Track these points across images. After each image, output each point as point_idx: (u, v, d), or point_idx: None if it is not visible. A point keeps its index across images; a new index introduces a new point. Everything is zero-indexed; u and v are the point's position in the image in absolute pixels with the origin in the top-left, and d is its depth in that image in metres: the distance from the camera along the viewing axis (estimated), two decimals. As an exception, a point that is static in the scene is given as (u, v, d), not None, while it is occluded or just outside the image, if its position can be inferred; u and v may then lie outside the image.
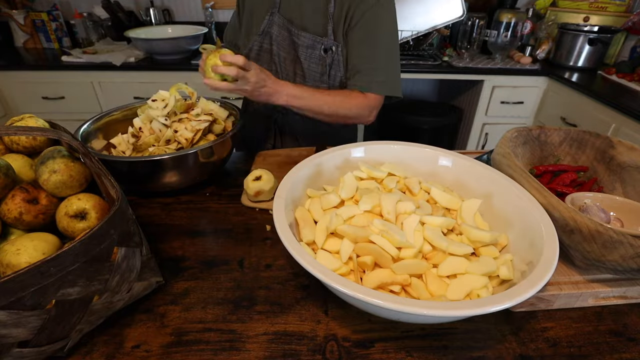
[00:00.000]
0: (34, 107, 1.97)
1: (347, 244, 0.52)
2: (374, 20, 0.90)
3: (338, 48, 0.93)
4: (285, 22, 0.93)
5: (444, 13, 1.82)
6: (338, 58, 0.94)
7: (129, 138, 0.83)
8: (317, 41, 0.92)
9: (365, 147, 0.70)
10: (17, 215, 0.53)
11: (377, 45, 0.91)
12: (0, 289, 0.36)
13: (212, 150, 0.77)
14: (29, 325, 0.40)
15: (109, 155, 0.76)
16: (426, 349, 0.50)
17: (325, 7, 0.91)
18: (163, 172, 0.74)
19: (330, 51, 0.93)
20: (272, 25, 0.95)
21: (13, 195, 0.54)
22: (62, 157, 0.56)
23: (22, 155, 0.62)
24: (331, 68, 0.95)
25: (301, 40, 0.93)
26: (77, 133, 0.79)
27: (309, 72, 0.96)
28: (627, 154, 0.67)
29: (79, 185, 0.57)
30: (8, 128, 0.48)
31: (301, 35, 0.92)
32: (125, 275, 0.49)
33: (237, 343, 0.50)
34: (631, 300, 0.56)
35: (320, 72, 0.96)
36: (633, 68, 1.78)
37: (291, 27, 0.93)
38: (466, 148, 2.16)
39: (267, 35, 0.96)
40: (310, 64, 0.95)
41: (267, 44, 0.97)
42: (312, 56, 0.94)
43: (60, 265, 0.40)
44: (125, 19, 2.16)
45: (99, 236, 0.43)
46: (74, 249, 0.41)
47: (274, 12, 0.94)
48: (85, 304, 0.45)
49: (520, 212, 0.55)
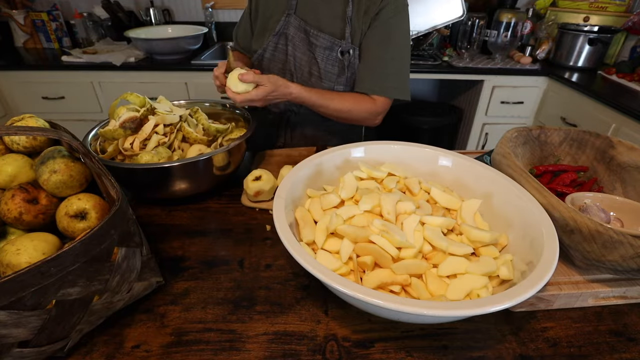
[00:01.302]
0: (34, 107, 1.97)
1: (347, 244, 0.52)
2: (391, 26, 0.92)
3: (355, 51, 0.95)
4: (302, 23, 0.95)
5: (444, 13, 1.82)
6: (355, 61, 0.96)
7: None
8: (335, 43, 0.94)
9: (365, 147, 0.70)
10: (17, 215, 0.53)
11: (391, 50, 0.94)
12: (0, 289, 0.36)
13: (229, 157, 0.76)
14: (29, 326, 0.40)
15: (123, 163, 0.73)
16: (426, 349, 0.50)
17: (343, 10, 0.92)
18: (176, 180, 0.72)
19: (348, 54, 0.95)
20: (289, 27, 0.96)
21: (13, 195, 0.54)
22: (63, 157, 0.56)
23: (22, 155, 0.62)
24: (348, 70, 0.97)
25: (319, 42, 0.94)
26: (88, 136, 0.78)
27: (325, 73, 0.98)
28: (627, 154, 0.67)
29: (79, 185, 0.57)
30: (8, 128, 0.48)
31: (320, 36, 0.94)
32: (125, 275, 0.49)
33: (237, 343, 0.50)
34: (631, 300, 0.56)
35: (337, 74, 0.98)
36: (633, 68, 1.78)
37: (309, 28, 0.94)
38: (466, 148, 2.16)
39: (282, 36, 0.97)
40: (327, 65, 0.97)
41: (282, 44, 0.98)
42: (329, 57, 0.96)
43: (61, 265, 0.40)
44: (125, 19, 2.16)
45: (99, 236, 0.43)
46: (74, 249, 0.41)
47: (290, 14, 0.95)
48: (85, 304, 0.45)
49: (520, 212, 0.55)
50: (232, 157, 0.77)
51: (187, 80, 1.92)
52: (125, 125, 0.74)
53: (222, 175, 0.78)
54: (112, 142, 0.76)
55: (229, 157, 0.76)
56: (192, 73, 1.90)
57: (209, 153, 0.72)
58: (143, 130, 0.76)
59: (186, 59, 1.96)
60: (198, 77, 1.91)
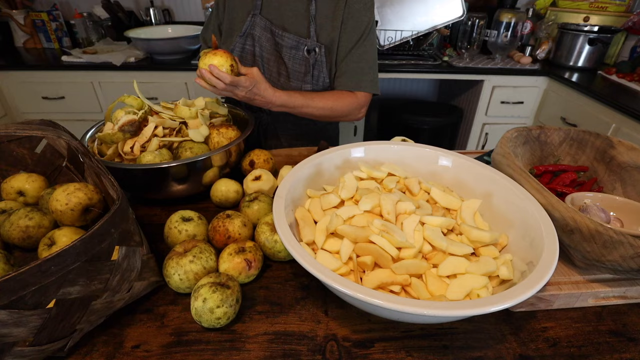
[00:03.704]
0: (34, 107, 1.97)
1: (347, 244, 0.52)
2: (362, 21, 0.93)
3: (321, 49, 0.95)
4: (268, 23, 0.95)
5: (444, 13, 1.82)
6: (321, 59, 0.96)
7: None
8: (300, 42, 0.94)
9: (365, 147, 0.70)
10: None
11: (365, 46, 0.95)
12: (1, 287, 0.36)
13: (228, 157, 0.76)
14: (30, 325, 0.40)
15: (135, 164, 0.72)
16: (426, 349, 0.50)
17: (306, 9, 0.92)
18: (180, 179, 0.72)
19: (314, 52, 0.95)
20: (255, 27, 0.96)
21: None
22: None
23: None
24: (314, 68, 0.97)
25: (285, 41, 0.94)
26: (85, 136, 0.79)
27: (292, 72, 0.98)
28: (627, 154, 0.67)
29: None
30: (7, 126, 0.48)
31: (285, 36, 0.94)
32: (125, 274, 0.49)
33: (237, 343, 0.50)
34: (631, 300, 0.56)
35: (304, 72, 0.97)
36: (633, 68, 1.78)
37: (274, 28, 0.94)
38: (466, 148, 2.16)
39: (249, 37, 0.97)
40: (294, 64, 0.97)
41: (250, 45, 0.98)
42: (295, 57, 0.96)
43: (61, 264, 0.40)
44: (125, 19, 2.16)
45: (99, 235, 0.44)
46: (75, 247, 0.41)
47: (255, 14, 0.95)
48: (85, 303, 0.45)
49: (520, 212, 0.55)
50: (231, 157, 0.77)
51: (187, 80, 1.92)
52: (124, 129, 0.74)
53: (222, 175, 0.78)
54: (110, 145, 0.76)
55: (228, 157, 0.76)
56: (192, 73, 1.89)
57: (209, 153, 0.72)
58: (143, 133, 0.76)
59: (186, 59, 1.96)
60: (198, 77, 1.90)
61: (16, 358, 0.42)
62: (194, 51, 2.03)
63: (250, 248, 0.57)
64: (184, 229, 0.61)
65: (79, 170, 0.71)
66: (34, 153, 0.73)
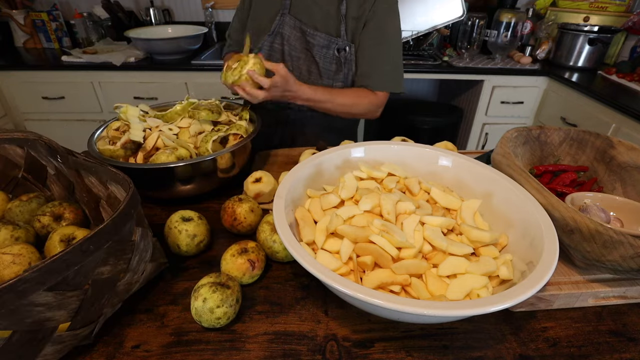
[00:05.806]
0: (34, 107, 1.97)
1: (347, 244, 0.52)
2: (386, 22, 0.95)
3: (351, 48, 0.97)
4: (297, 22, 0.96)
5: (444, 13, 1.82)
6: (351, 57, 0.99)
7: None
8: (332, 41, 0.96)
9: (365, 147, 0.70)
10: None
11: (388, 46, 0.97)
12: (49, 268, 0.37)
13: (233, 158, 0.76)
14: (69, 307, 0.42)
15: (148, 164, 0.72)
16: (426, 349, 0.50)
17: (337, 9, 0.94)
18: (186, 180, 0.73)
19: (344, 51, 0.97)
20: (284, 26, 0.97)
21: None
22: None
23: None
24: (344, 66, 0.99)
25: (316, 40, 0.96)
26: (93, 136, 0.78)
27: (324, 71, 1.00)
28: (627, 154, 0.67)
29: None
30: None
31: (316, 35, 0.96)
32: (142, 255, 0.51)
33: (237, 343, 0.50)
34: (631, 300, 0.56)
35: (335, 70, 1.00)
36: (633, 68, 1.78)
37: (305, 27, 0.96)
38: (466, 148, 2.16)
39: (277, 35, 0.99)
40: (325, 62, 0.99)
41: (278, 43, 1.00)
42: (326, 55, 0.98)
43: (98, 243, 0.42)
44: (125, 19, 2.16)
45: (123, 215, 0.45)
46: (108, 227, 0.43)
47: (284, 13, 0.96)
48: (113, 283, 0.47)
49: (520, 212, 0.55)
50: (237, 158, 0.77)
51: (187, 80, 1.92)
52: (127, 146, 0.75)
53: (226, 178, 0.78)
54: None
55: (234, 159, 0.76)
56: (192, 73, 1.90)
57: (214, 154, 0.72)
58: (145, 146, 0.76)
59: (186, 59, 1.96)
60: (198, 77, 1.91)
61: (54, 344, 0.43)
62: (194, 51, 2.04)
63: (252, 248, 0.58)
64: (184, 228, 0.61)
65: (39, 179, 0.69)
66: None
